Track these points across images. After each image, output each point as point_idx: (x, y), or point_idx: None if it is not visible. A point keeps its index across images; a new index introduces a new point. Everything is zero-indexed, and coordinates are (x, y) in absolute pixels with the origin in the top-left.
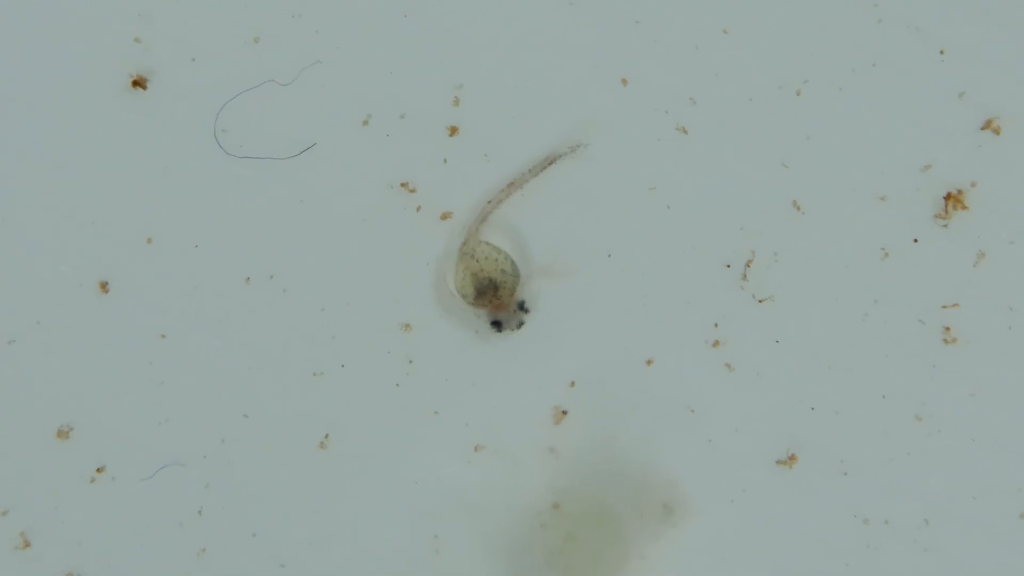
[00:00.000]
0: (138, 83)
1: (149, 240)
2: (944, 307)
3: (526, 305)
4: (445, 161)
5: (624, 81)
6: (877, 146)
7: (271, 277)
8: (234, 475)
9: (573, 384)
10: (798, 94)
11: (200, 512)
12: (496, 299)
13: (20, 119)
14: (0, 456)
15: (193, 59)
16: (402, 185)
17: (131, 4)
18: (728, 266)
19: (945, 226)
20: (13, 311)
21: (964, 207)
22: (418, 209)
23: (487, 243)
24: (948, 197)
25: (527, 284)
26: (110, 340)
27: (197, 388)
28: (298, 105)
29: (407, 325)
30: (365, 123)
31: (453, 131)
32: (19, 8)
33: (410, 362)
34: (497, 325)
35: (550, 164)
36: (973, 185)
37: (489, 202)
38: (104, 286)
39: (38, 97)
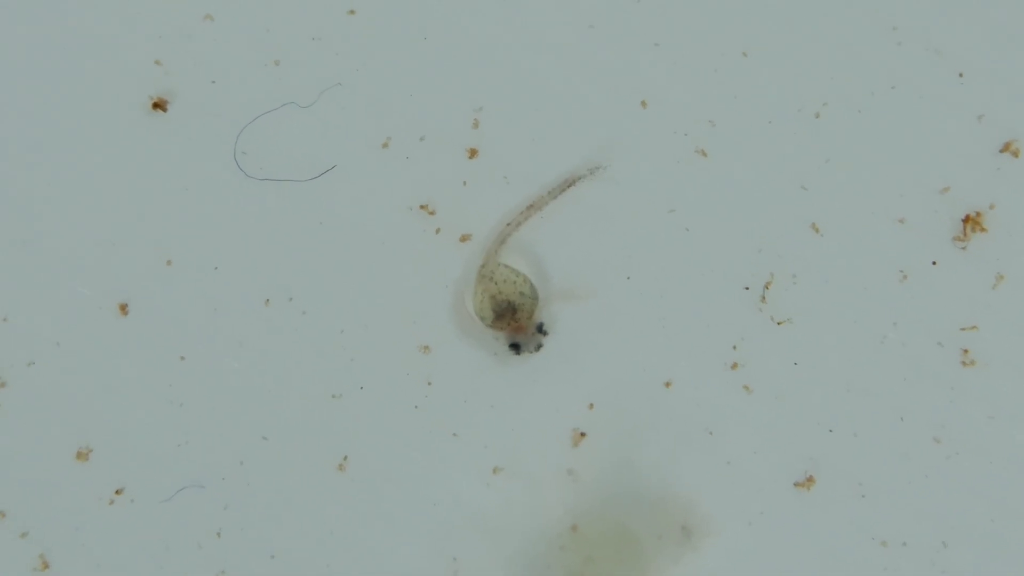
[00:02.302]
0: (158, 105)
1: (169, 262)
2: (963, 329)
3: (545, 327)
4: (464, 183)
5: (643, 103)
6: (896, 168)
7: (290, 299)
8: (253, 497)
9: (592, 406)
10: (817, 116)
11: (219, 534)
12: (515, 321)
13: (40, 141)
14: (20, 477)
15: (213, 81)
16: (421, 207)
17: (151, 26)
18: (747, 288)
19: (964, 248)
20: (32, 333)
21: (983, 229)
22: (437, 231)
23: (506, 265)
24: (967, 219)
25: (546, 306)
26: (129, 362)
27: (216, 410)
28: (318, 127)
29: (426, 347)
30: (385, 145)
31: (472, 153)
32: (39, 30)
33: (429, 384)
34: (516, 347)
35: (569, 186)
36: (992, 207)
37: (508, 224)
38: (124, 308)
39: (58, 119)
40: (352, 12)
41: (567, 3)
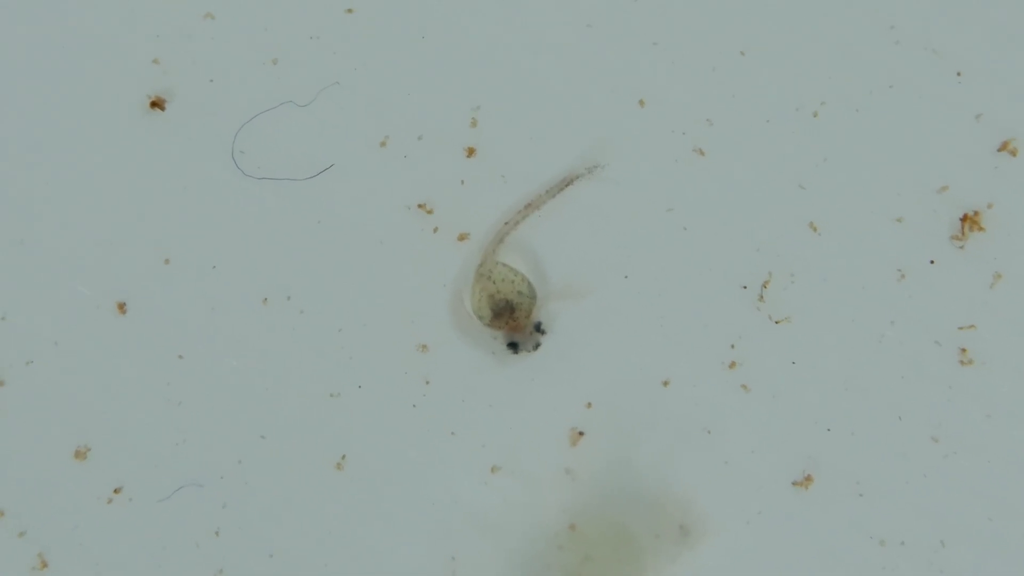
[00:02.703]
0: (156, 104)
1: (167, 261)
2: (960, 328)
3: (543, 326)
4: (462, 182)
5: (641, 102)
6: (894, 167)
7: (288, 298)
8: (251, 496)
9: (590, 405)
10: (815, 115)
11: (217, 533)
12: (513, 320)
13: (38, 140)
14: (18, 477)
15: (211, 80)
16: (419, 206)
17: (149, 25)
18: (744, 287)
19: (961, 247)
20: (30, 332)
21: (981, 228)
22: (435, 230)
23: (504, 264)
24: (965, 218)
25: (544, 305)
26: (128, 361)
27: (214, 409)
28: (316, 126)
29: (424, 346)
30: (383, 144)
31: (470, 152)
32: (37, 29)
33: (427, 383)
34: (514, 346)
35: (567, 185)
36: (990, 206)
37: (506, 223)
38: (122, 307)
39: (56, 118)
40: (350, 11)
41: (565, 2)
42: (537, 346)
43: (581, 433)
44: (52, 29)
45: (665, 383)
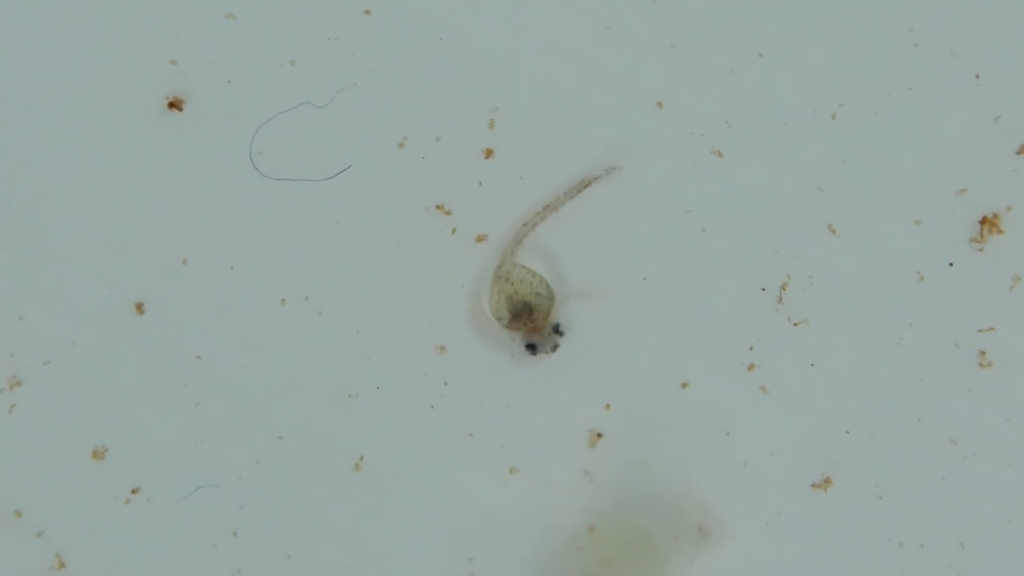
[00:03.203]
0: (174, 105)
1: (184, 261)
2: (979, 331)
3: (561, 328)
4: (480, 184)
5: (660, 104)
6: (912, 170)
7: (306, 299)
8: (269, 496)
9: (608, 407)
10: (833, 117)
11: (235, 533)
12: (531, 322)
13: (56, 141)
14: (35, 477)
15: (229, 81)
16: (437, 207)
17: (167, 26)
18: (763, 289)
19: (980, 250)
20: (48, 332)
21: (999, 231)
22: (453, 231)
23: (522, 266)
24: (983, 221)
25: (562, 307)
26: (145, 361)
27: (232, 409)
28: (334, 127)
29: (442, 347)
30: (401, 145)
31: (488, 153)
32: (55, 30)
33: (445, 384)
34: (532, 348)
35: (585, 187)
36: (1008, 209)
37: (524, 225)
38: (140, 307)
39: (74, 119)
40: (368, 12)
41: (583, 4)
42: (555, 347)
43: (599, 434)
44: (69, 30)
45: (683, 385)
